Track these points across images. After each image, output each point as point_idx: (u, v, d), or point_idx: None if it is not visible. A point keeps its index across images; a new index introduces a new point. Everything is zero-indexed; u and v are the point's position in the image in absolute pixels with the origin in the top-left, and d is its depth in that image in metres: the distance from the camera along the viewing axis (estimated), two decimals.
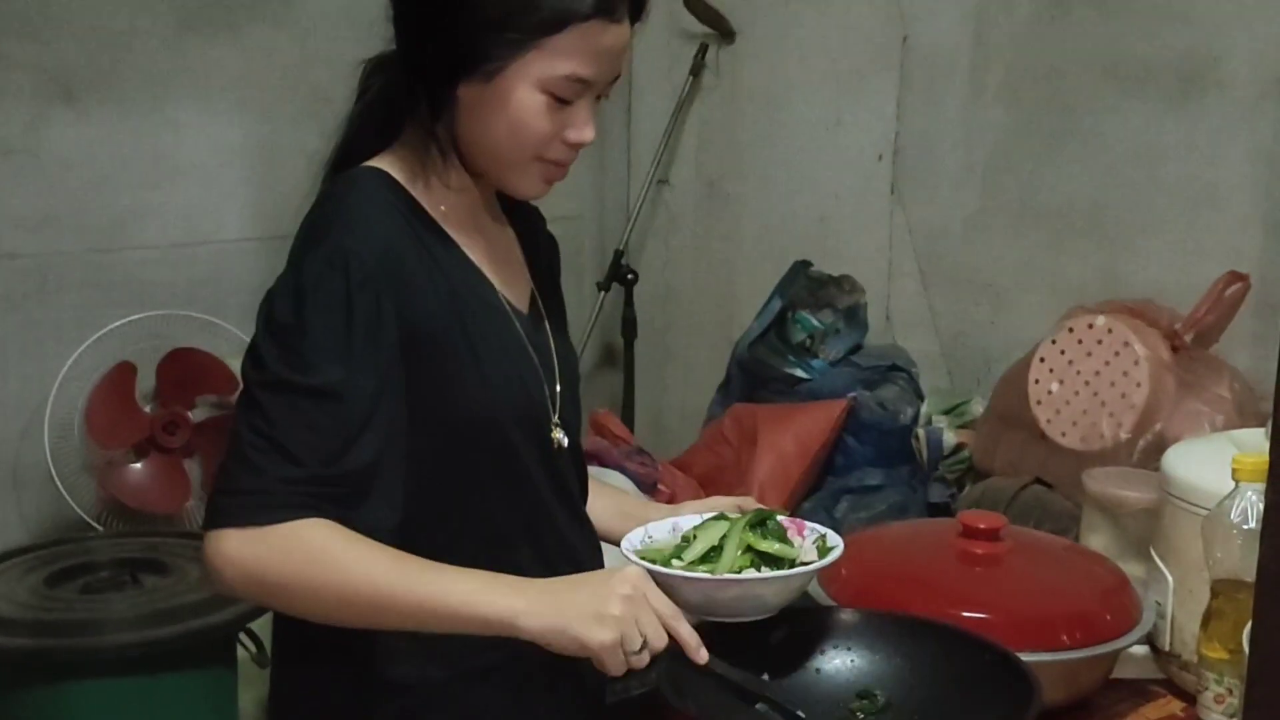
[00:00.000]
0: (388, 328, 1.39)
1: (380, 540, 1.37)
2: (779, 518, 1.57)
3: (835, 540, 1.57)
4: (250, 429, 1.35)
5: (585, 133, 1.48)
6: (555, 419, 1.58)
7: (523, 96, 1.43)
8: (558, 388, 1.59)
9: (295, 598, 1.37)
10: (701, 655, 1.40)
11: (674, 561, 1.51)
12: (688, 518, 1.62)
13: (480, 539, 1.49)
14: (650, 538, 1.59)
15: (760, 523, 1.55)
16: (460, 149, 1.49)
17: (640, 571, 1.41)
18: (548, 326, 1.63)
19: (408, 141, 1.51)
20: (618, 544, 1.57)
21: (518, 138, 1.45)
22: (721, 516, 1.59)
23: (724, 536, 1.53)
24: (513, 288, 1.58)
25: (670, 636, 1.38)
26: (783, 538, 1.55)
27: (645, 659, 1.37)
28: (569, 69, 1.43)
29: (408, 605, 1.35)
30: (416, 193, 1.49)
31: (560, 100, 1.45)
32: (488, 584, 1.37)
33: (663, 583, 1.48)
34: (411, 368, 1.41)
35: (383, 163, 1.50)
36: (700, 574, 1.48)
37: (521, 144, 1.46)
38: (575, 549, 1.61)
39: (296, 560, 1.33)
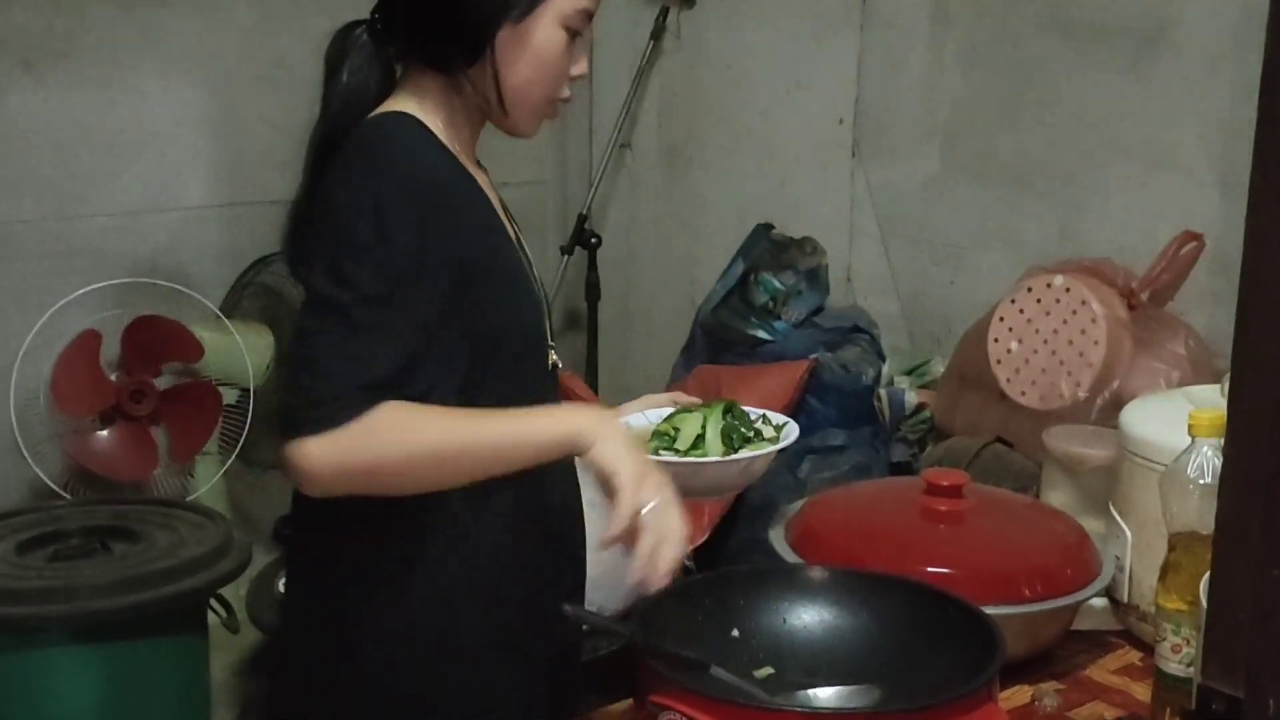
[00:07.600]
0: (446, 249, 1.47)
1: None
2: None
3: (778, 416, 1.79)
4: (326, 341, 1.43)
5: (584, 64, 1.61)
6: (550, 341, 1.69)
7: (549, 34, 1.54)
8: (548, 312, 1.71)
9: (382, 477, 1.45)
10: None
11: (663, 453, 1.66)
12: (633, 416, 1.77)
13: None
14: None
15: (728, 410, 1.76)
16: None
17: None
18: (528, 265, 1.70)
19: (418, 91, 1.57)
20: None
21: (545, 75, 1.56)
22: (684, 409, 1.77)
23: (704, 424, 1.69)
24: (509, 227, 1.67)
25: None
26: (748, 420, 1.76)
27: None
28: (584, 3, 1.55)
29: (485, 451, 1.47)
30: (441, 136, 1.56)
31: (573, 36, 1.56)
32: (550, 414, 1.54)
33: (673, 470, 1.55)
34: (453, 290, 1.49)
35: (404, 108, 1.56)
36: (714, 459, 1.65)
37: (548, 81, 1.57)
38: (563, 469, 1.67)
39: (375, 445, 1.42)
